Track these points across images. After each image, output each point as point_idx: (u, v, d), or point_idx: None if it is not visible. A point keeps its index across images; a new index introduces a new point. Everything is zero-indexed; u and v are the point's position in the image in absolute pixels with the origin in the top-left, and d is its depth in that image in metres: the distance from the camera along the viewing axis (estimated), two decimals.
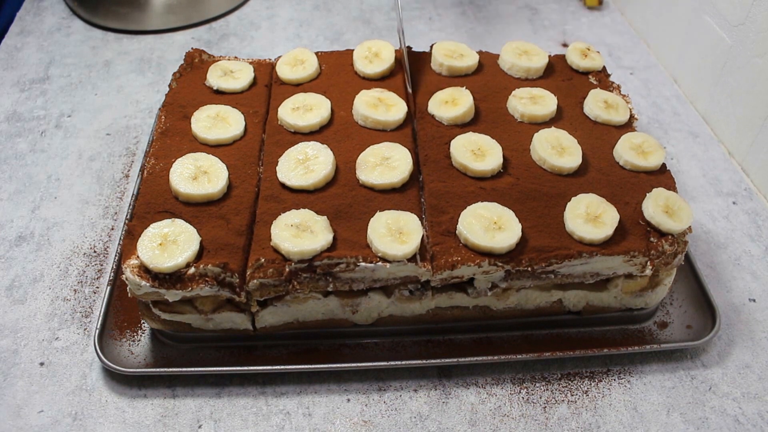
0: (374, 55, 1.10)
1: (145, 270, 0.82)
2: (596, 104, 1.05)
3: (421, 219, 0.88)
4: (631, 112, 1.06)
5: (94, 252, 1.07)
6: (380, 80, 1.09)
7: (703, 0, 1.29)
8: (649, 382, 0.92)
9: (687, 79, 1.38)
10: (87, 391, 0.89)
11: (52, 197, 1.16)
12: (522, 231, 0.85)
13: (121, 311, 0.96)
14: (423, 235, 0.85)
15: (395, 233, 0.84)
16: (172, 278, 0.82)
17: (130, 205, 1.08)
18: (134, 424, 0.86)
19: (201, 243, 0.84)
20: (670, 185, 0.94)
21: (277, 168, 0.94)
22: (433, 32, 1.57)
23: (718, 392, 0.91)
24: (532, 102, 1.04)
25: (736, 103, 1.23)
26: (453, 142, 0.96)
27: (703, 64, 1.31)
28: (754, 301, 1.02)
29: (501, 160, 0.94)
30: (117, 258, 1.00)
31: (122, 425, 0.86)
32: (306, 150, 0.95)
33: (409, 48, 1.11)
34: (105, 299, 0.95)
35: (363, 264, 0.83)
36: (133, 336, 0.94)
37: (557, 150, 0.95)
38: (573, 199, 0.89)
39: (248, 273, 0.83)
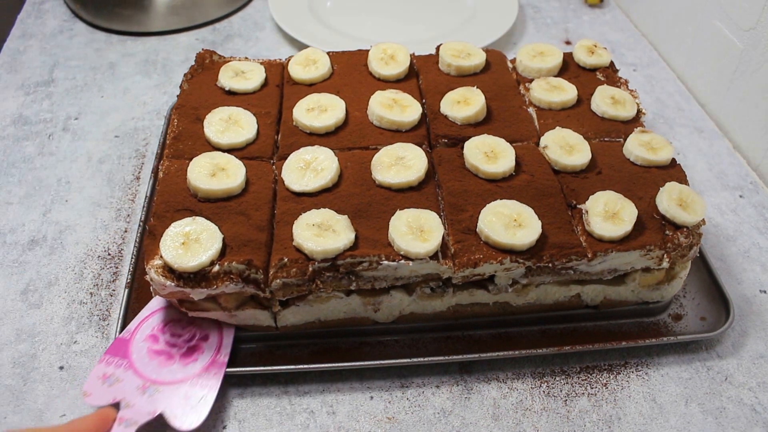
0: (390, 57, 1.11)
1: (169, 270, 0.82)
2: (603, 101, 1.06)
3: (439, 217, 0.88)
4: (638, 107, 1.07)
5: (109, 255, 1.07)
6: (395, 82, 1.10)
7: (712, 4, 1.30)
8: (667, 374, 0.93)
9: (697, 82, 1.39)
10: None
11: (63, 200, 1.15)
12: (541, 228, 0.86)
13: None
14: (443, 233, 0.86)
15: (416, 231, 0.85)
16: (197, 277, 0.82)
17: (143, 206, 1.07)
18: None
19: (223, 240, 0.84)
20: (682, 178, 0.95)
21: (282, 175, 0.93)
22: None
23: (734, 382, 0.92)
24: (552, 90, 1.07)
25: (749, 107, 1.24)
26: (466, 144, 0.96)
27: (714, 67, 1.32)
28: (764, 292, 1.03)
29: (513, 162, 0.94)
30: (134, 260, 1.00)
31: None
32: (305, 156, 0.94)
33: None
34: (124, 301, 0.95)
35: (386, 262, 0.83)
36: None
37: (565, 149, 0.96)
38: (591, 197, 0.90)
39: (271, 273, 0.84)
